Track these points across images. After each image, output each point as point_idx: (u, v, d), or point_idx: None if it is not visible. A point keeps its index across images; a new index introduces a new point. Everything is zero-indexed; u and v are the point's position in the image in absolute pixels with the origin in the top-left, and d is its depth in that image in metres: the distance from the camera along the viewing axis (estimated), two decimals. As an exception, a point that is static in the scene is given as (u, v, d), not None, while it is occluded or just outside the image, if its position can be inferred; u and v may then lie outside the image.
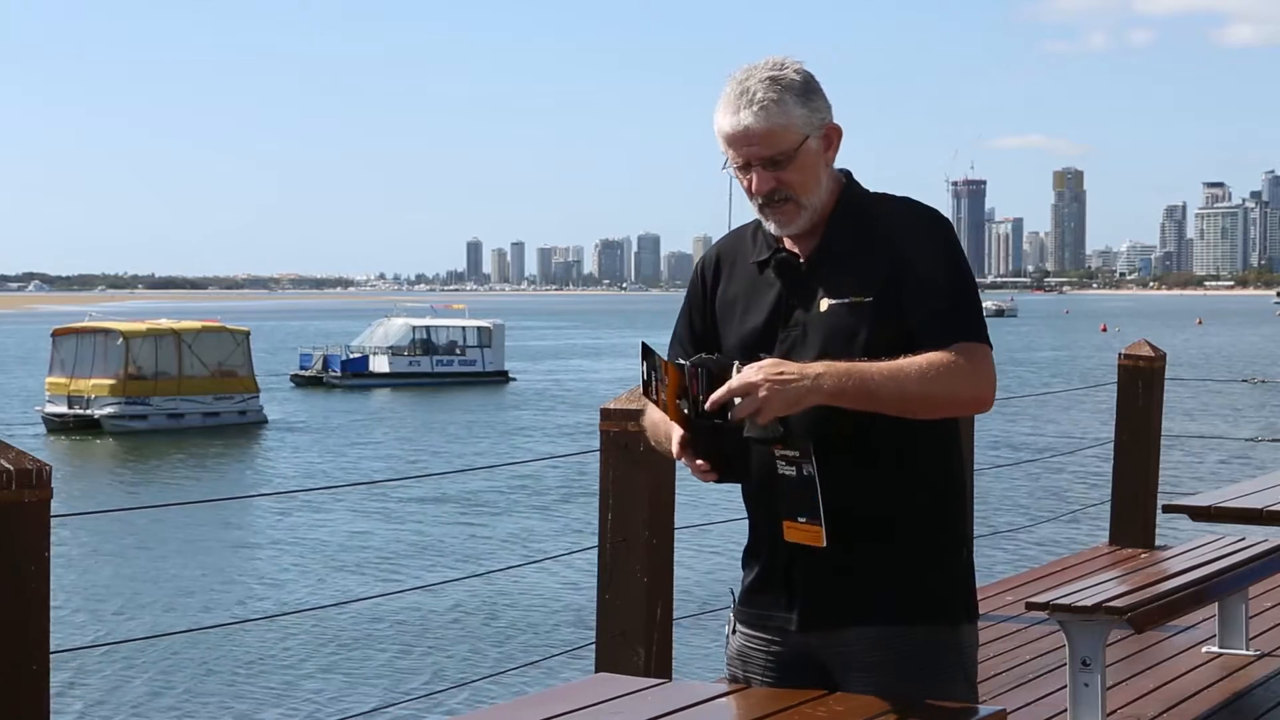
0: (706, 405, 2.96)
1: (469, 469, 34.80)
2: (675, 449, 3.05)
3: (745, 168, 3.13)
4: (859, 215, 3.17)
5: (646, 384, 2.96)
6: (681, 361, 3.01)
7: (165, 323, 47.76)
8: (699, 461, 3.02)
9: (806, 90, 3.11)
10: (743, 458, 3.04)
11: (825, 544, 3.03)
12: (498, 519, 27.44)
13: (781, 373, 2.95)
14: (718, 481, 3.04)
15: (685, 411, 2.98)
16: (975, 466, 8.18)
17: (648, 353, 2.95)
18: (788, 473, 3.03)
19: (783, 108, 3.08)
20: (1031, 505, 26.73)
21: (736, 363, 3.01)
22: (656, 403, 2.98)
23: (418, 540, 25.31)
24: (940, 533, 3.16)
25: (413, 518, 27.57)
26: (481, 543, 25.04)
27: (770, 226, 3.18)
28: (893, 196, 3.23)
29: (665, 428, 3.17)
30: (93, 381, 44.07)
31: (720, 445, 3.01)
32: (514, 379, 63.92)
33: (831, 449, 3.06)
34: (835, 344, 3.06)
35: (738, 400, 2.95)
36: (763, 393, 2.93)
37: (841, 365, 3.00)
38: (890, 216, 3.16)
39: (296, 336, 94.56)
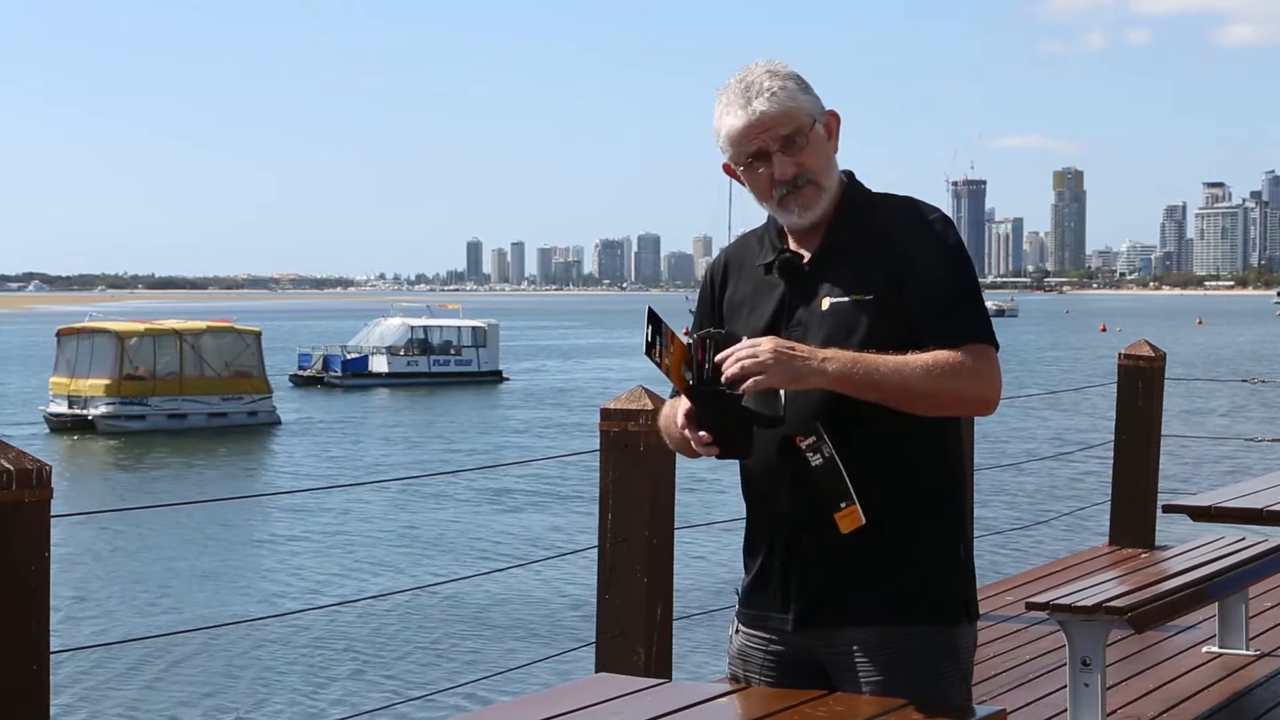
0: (714, 359, 2.99)
1: (469, 469, 34.79)
2: (680, 420, 3.08)
3: (761, 158, 3.15)
4: (862, 214, 3.19)
5: (650, 345, 2.98)
6: (688, 339, 3.04)
7: (169, 323, 47.60)
8: (701, 434, 3.04)
9: (802, 81, 3.20)
10: (744, 435, 3.06)
11: (864, 521, 3.05)
12: (498, 519, 27.43)
13: (792, 348, 3.01)
14: (719, 457, 3.06)
15: (689, 380, 3.01)
16: (975, 466, 8.18)
17: (654, 317, 2.97)
18: (816, 462, 3.05)
19: (790, 94, 3.15)
20: (1031, 505, 26.72)
21: (744, 337, 3.06)
22: (659, 365, 3.00)
23: (418, 540, 25.30)
24: (938, 532, 3.16)
25: (412, 517, 27.56)
26: (481, 542, 25.03)
27: (793, 216, 3.18)
28: (896, 196, 3.25)
29: (672, 413, 3.20)
30: (90, 381, 44.04)
31: (723, 419, 3.03)
32: (508, 379, 64.15)
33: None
34: (836, 341, 3.07)
35: (745, 363, 2.97)
36: (768, 359, 2.97)
37: (849, 353, 3.03)
38: (893, 216, 3.18)
39: (319, 336, 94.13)
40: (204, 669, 16.79)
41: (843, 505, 3.06)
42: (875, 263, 3.12)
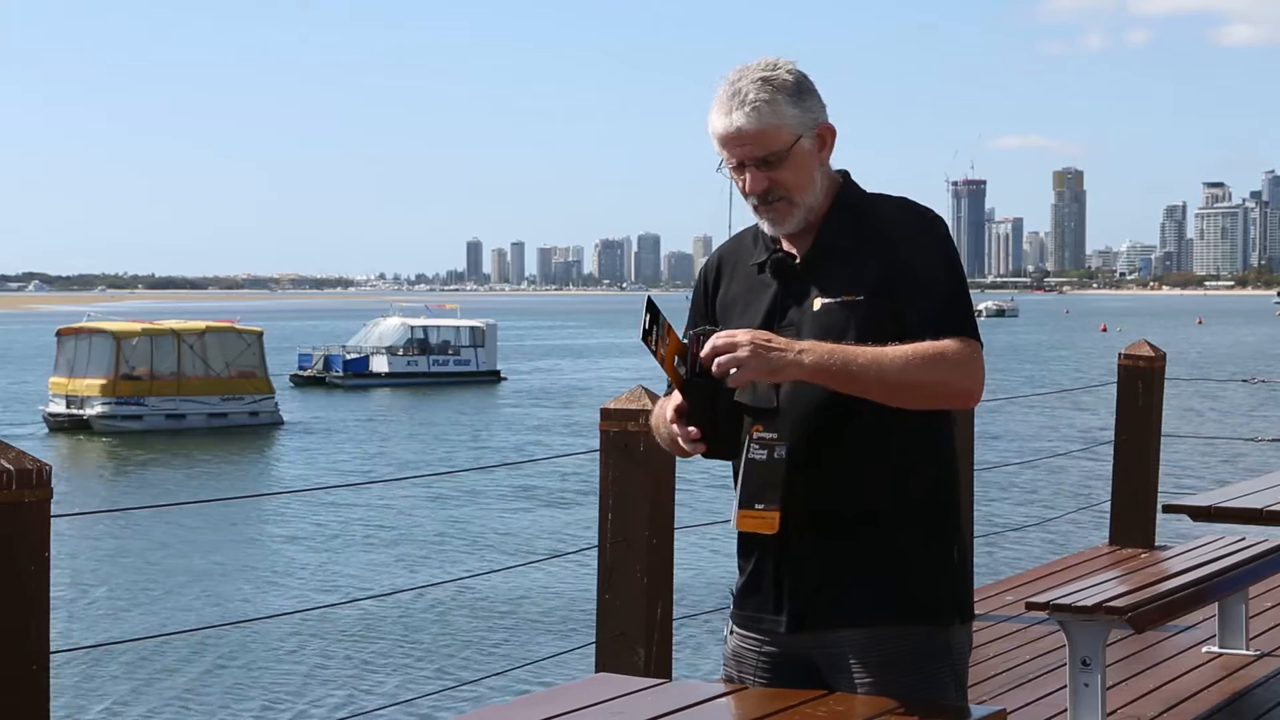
0: (700, 354, 3.00)
1: (469, 469, 34.78)
2: (670, 414, 3.08)
3: (739, 168, 3.16)
4: (855, 215, 3.19)
5: (647, 333, 3.00)
6: (684, 339, 3.05)
7: (168, 323, 47.57)
8: (690, 429, 3.04)
9: (799, 90, 3.14)
10: (733, 432, 3.06)
11: (777, 530, 3.05)
12: (497, 518, 27.43)
13: (769, 340, 3.01)
14: (706, 455, 3.06)
15: (682, 373, 3.02)
16: (976, 465, 8.17)
17: (652, 306, 2.98)
18: (757, 456, 3.05)
19: (774, 108, 3.11)
20: (1031, 505, 26.73)
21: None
22: (655, 354, 3.01)
23: (417, 540, 25.31)
24: (930, 532, 3.16)
25: (413, 518, 27.57)
26: (481, 542, 25.04)
27: (764, 226, 3.21)
28: (889, 196, 3.24)
29: (663, 411, 3.20)
30: (87, 381, 44.04)
31: (713, 416, 3.03)
32: (506, 379, 64.29)
33: (820, 444, 3.08)
34: (826, 341, 3.07)
35: (721, 357, 2.98)
36: (744, 351, 2.96)
37: (827, 345, 3.03)
38: (886, 216, 3.18)
39: (320, 336, 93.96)
40: (204, 669, 16.80)
41: (758, 506, 3.05)
42: (867, 263, 3.12)
